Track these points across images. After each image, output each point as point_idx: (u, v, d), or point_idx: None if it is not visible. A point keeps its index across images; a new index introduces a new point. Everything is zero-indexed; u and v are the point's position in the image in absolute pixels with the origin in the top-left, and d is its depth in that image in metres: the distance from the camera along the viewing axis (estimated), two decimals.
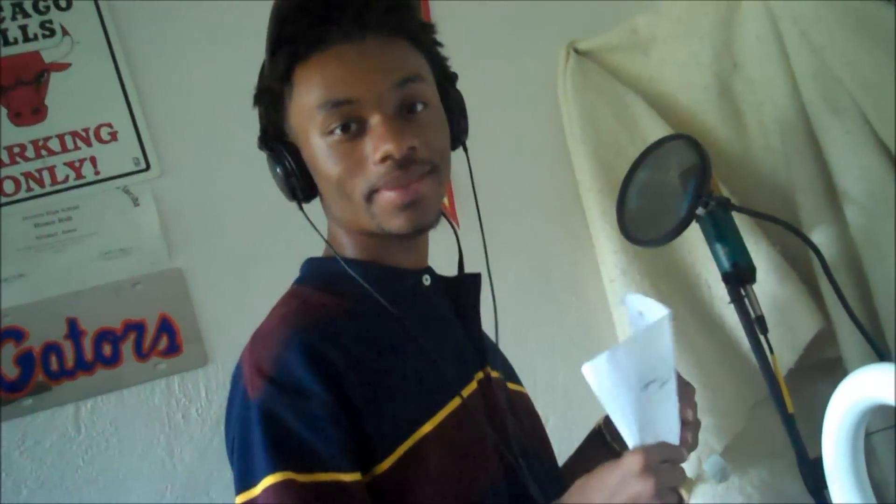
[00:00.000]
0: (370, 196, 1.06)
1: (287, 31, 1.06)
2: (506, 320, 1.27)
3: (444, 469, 1.04)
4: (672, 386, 1.01)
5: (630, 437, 0.99)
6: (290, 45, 1.07)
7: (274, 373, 1.00)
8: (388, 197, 1.05)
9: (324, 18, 1.06)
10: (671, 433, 1.03)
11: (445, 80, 1.17)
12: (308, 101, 1.07)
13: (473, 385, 1.14)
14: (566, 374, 1.98)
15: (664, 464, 0.96)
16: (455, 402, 1.09)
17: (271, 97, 1.12)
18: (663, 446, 0.98)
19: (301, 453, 0.97)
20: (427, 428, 1.05)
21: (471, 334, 1.19)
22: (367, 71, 1.06)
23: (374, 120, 1.04)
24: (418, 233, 1.10)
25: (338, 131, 1.05)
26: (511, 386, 1.25)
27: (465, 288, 1.21)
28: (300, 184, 1.11)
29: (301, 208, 1.14)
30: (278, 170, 1.11)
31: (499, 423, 1.14)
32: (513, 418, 1.17)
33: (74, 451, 1.72)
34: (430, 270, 1.18)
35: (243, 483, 1.00)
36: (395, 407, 1.04)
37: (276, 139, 1.13)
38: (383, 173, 1.04)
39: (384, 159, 1.03)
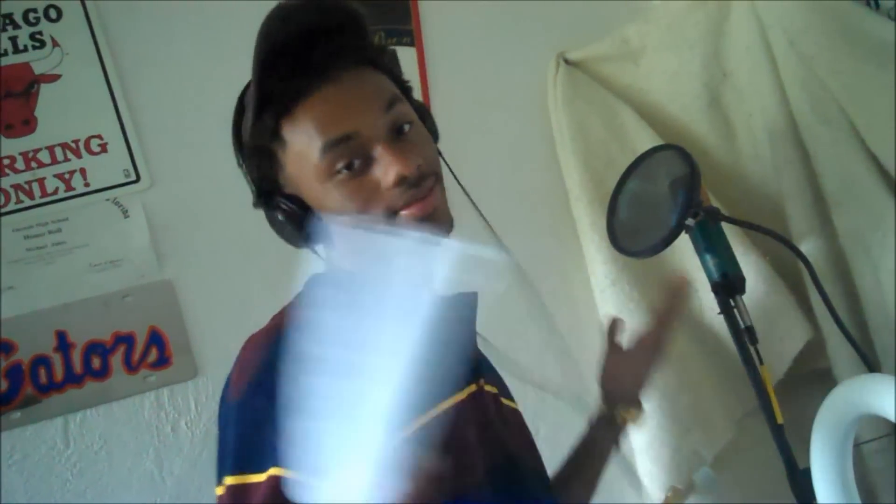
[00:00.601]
0: (391, 218, 1.09)
1: (266, 89, 1.08)
2: (495, 331, 1.28)
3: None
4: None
5: None
6: (273, 104, 1.09)
7: (254, 377, 1.04)
8: (409, 214, 1.09)
9: (297, 70, 1.09)
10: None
11: (405, 92, 1.20)
12: (305, 150, 1.09)
13: (462, 396, 1.16)
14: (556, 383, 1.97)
15: None
16: (436, 410, 1.11)
17: (262, 154, 1.13)
18: None
19: (267, 456, 1.00)
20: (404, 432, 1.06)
21: (466, 349, 1.21)
22: (355, 104, 1.09)
23: (378, 150, 1.08)
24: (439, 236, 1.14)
25: (344, 171, 1.08)
26: (505, 402, 1.27)
27: (462, 304, 1.23)
28: (308, 228, 1.13)
29: (314, 251, 1.17)
30: (286, 222, 1.13)
31: (491, 435, 1.16)
32: (507, 431, 1.19)
33: (63, 464, 1.71)
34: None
35: (217, 479, 1.05)
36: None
37: (274, 193, 1.14)
38: (399, 194, 1.08)
39: (398, 182, 1.07)
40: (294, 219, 1.13)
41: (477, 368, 1.21)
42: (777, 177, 1.87)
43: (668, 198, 1.59)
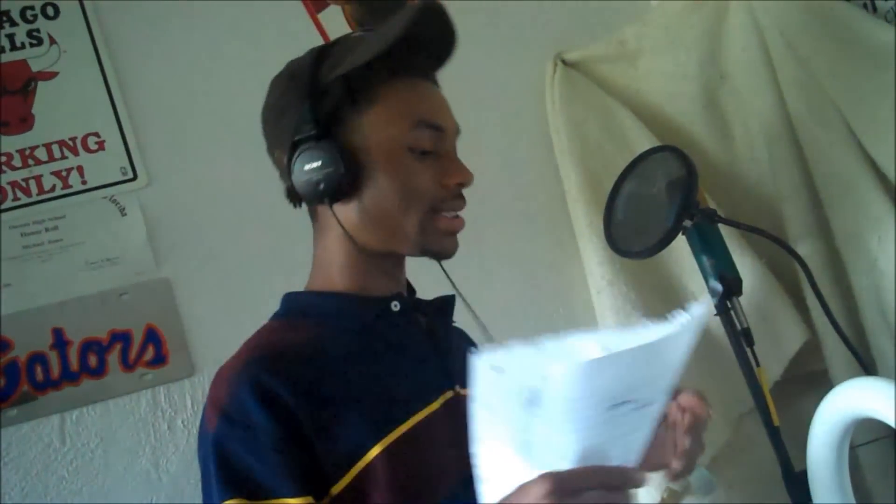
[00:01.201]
0: (430, 214, 1.17)
1: (397, 45, 1.12)
2: (493, 331, 1.28)
3: (397, 489, 1.08)
4: (653, 411, 0.89)
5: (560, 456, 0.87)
6: (388, 63, 1.15)
7: (226, 409, 1.08)
8: (444, 221, 1.18)
9: (414, 55, 1.18)
10: (626, 459, 0.90)
11: None
12: (397, 117, 1.16)
13: (436, 405, 1.17)
14: None
15: (590, 492, 0.86)
16: (408, 423, 1.13)
17: (346, 97, 1.16)
18: (589, 471, 0.87)
19: (248, 482, 1.04)
20: (377, 449, 1.08)
21: (441, 355, 1.22)
22: (447, 108, 1.23)
23: (451, 152, 1.21)
24: (448, 257, 1.22)
25: (418, 152, 1.16)
26: None
27: (438, 310, 1.27)
28: (350, 181, 1.15)
29: (331, 206, 1.17)
30: (332, 163, 1.13)
31: (467, 440, 1.16)
32: None
33: (59, 462, 1.71)
34: (400, 296, 1.24)
35: None
36: (346, 431, 1.08)
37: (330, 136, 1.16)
38: (448, 196, 1.18)
39: (456, 186, 1.18)
40: (340, 165, 1.13)
41: (450, 374, 1.21)
42: (774, 178, 1.87)
43: (665, 199, 1.59)
